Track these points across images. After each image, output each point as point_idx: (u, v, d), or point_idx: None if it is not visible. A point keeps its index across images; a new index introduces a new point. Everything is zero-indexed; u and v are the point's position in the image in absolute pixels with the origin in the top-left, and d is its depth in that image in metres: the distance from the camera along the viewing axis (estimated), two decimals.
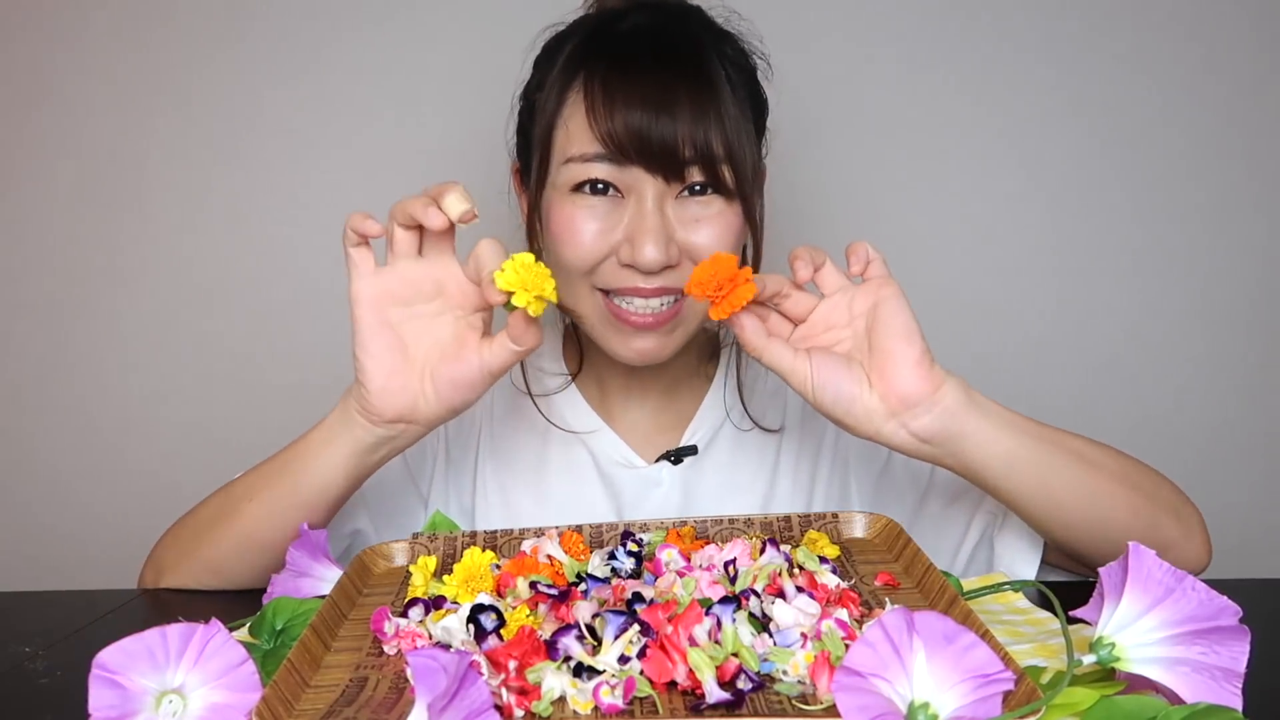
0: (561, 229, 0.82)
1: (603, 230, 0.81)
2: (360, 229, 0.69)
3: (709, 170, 0.80)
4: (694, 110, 0.78)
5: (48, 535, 1.34)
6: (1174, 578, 0.51)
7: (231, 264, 1.30)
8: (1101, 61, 1.26)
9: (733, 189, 0.81)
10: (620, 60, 0.80)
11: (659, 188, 0.80)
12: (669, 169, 0.79)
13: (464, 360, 0.71)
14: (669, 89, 0.78)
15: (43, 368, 1.33)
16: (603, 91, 0.79)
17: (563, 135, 0.82)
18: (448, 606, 0.61)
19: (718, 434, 0.95)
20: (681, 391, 0.96)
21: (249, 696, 0.50)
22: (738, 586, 0.61)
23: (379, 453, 0.76)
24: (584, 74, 0.81)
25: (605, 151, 0.79)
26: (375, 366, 0.71)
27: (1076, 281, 1.29)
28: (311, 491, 0.77)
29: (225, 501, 0.81)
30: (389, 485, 0.92)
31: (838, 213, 1.28)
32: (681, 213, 0.81)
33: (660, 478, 0.93)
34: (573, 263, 0.82)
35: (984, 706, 0.46)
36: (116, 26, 1.28)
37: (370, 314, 0.71)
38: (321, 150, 1.29)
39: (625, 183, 0.80)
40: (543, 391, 0.95)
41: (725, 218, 0.82)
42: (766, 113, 0.89)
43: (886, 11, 1.26)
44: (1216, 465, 1.30)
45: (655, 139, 0.78)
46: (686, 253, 0.82)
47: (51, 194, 1.31)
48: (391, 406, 0.72)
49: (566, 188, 0.82)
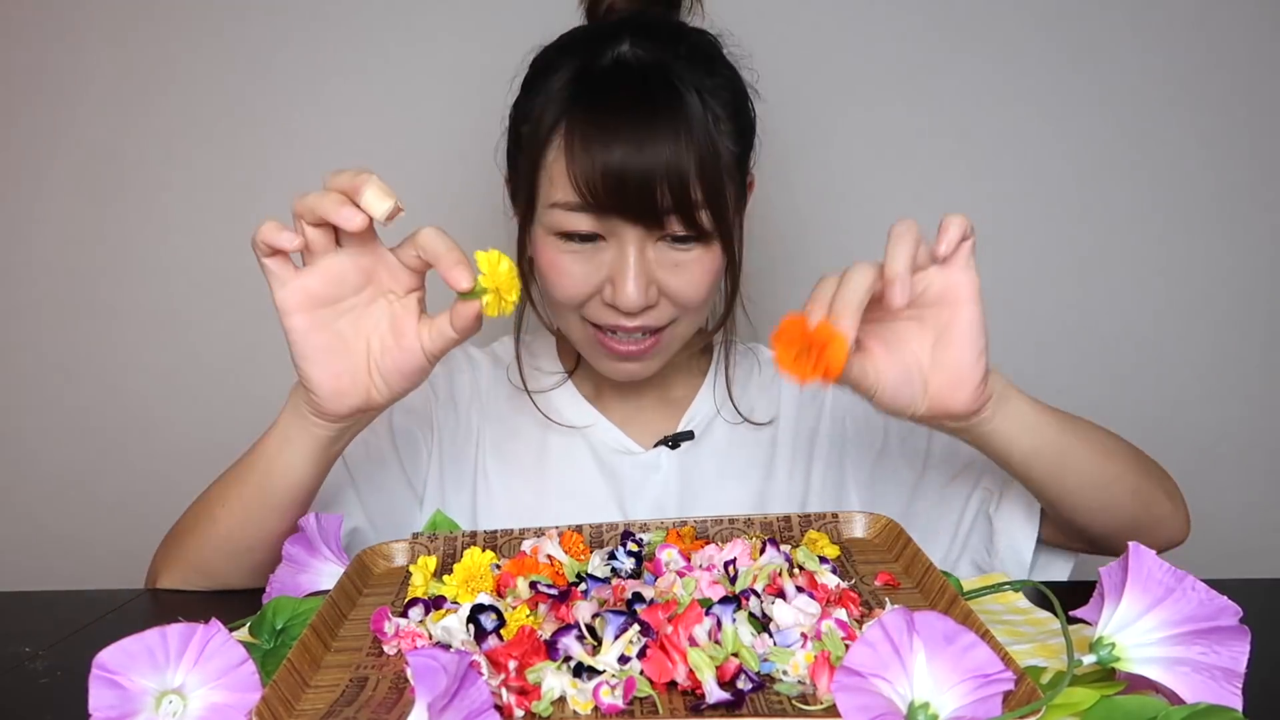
0: (549, 269, 0.84)
1: (586, 273, 0.83)
2: (273, 242, 0.66)
3: (686, 218, 0.80)
4: (671, 161, 0.78)
5: (48, 535, 1.34)
6: (1174, 578, 0.51)
7: (232, 263, 1.30)
8: (1102, 62, 1.26)
9: (712, 232, 0.82)
10: (598, 111, 0.80)
11: (639, 233, 0.81)
12: (647, 219, 0.80)
13: (406, 350, 0.69)
14: (646, 141, 0.78)
15: (42, 367, 1.33)
16: (581, 143, 0.79)
17: (545, 179, 0.83)
18: (448, 606, 0.61)
19: (713, 423, 0.97)
20: (675, 384, 0.98)
21: (249, 696, 0.50)
22: (738, 586, 0.61)
23: (340, 442, 0.76)
24: (565, 123, 0.81)
25: (584, 203, 0.80)
26: (320, 373, 0.69)
27: (1076, 282, 1.29)
28: (280, 492, 0.76)
29: (202, 508, 0.82)
30: (384, 484, 0.92)
31: (837, 212, 1.28)
32: (662, 256, 0.83)
33: (659, 463, 0.94)
34: (561, 300, 0.85)
35: (984, 706, 0.46)
36: (116, 25, 1.28)
37: (301, 321, 0.68)
38: (323, 150, 1.29)
39: (606, 228, 0.82)
40: (539, 389, 0.97)
41: (704, 262, 0.83)
42: (753, 131, 0.89)
43: (886, 12, 1.26)
44: (1216, 465, 1.30)
45: (632, 190, 0.79)
46: (666, 293, 0.83)
47: (51, 193, 1.31)
48: (345, 405, 0.71)
49: (551, 230, 0.83)
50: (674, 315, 0.85)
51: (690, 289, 0.84)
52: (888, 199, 1.28)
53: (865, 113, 1.27)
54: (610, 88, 0.82)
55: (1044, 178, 1.28)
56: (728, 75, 0.87)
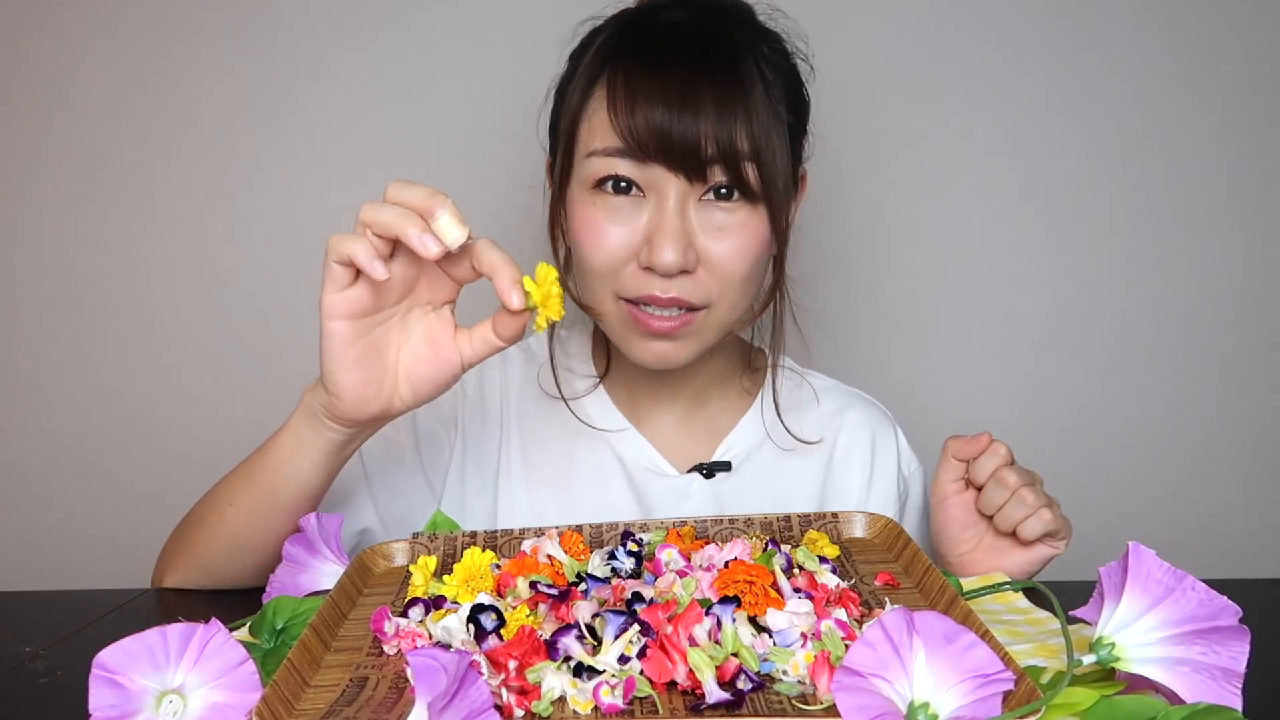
0: (583, 230, 0.81)
1: (624, 233, 0.79)
2: (362, 265, 0.63)
3: (732, 170, 0.78)
4: (718, 108, 0.76)
5: (48, 535, 1.34)
6: (1174, 578, 0.51)
7: (236, 264, 1.30)
8: (1099, 63, 1.26)
9: (758, 192, 0.79)
10: (646, 55, 0.79)
11: (681, 188, 0.78)
12: (690, 167, 0.77)
13: (444, 360, 0.69)
14: (692, 85, 0.77)
15: (43, 367, 1.33)
16: (625, 87, 0.77)
17: (586, 129, 0.81)
18: (448, 606, 0.61)
19: (755, 453, 0.94)
20: (712, 400, 0.95)
21: (249, 696, 0.50)
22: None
23: (352, 446, 0.76)
24: (609, 68, 0.80)
25: (625, 147, 0.78)
26: (348, 379, 0.69)
27: (1076, 282, 1.29)
28: (289, 493, 0.76)
29: (209, 507, 0.81)
30: (400, 485, 0.90)
31: (838, 214, 1.28)
32: (704, 218, 0.80)
33: (690, 490, 0.92)
34: (595, 265, 0.81)
35: (984, 706, 0.46)
36: (119, 25, 1.28)
37: (342, 328, 0.68)
38: (328, 150, 1.29)
39: (647, 181, 0.79)
40: (572, 394, 0.94)
41: (749, 227, 0.80)
42: (807, 115, 0.87)
43: (886, 13, 1.26)
44: (1216, 465, 1.30)
45: (676, 136, 0.76)
46: (705, 262, 0.80)
47: (51, 193, 1.31)
48: (366, 412, 0.71)
49: (589, 183, 0.80)
50: (710, 296, 0.81)
51: (731, 257, 0.80)
52: (887, 199, 1.28)
53: (864, 113, 1.27)
54: (659, 36, 0.81)
55: (1044, 178, 1.28)
56: (783, 50, 0.85)
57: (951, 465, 0.80)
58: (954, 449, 0.80)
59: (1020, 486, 0.77)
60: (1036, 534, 0.77)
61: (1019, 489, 0.77)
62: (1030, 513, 0.77)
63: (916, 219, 1.29)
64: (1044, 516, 0.77)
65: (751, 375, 0.97)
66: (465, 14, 1.27)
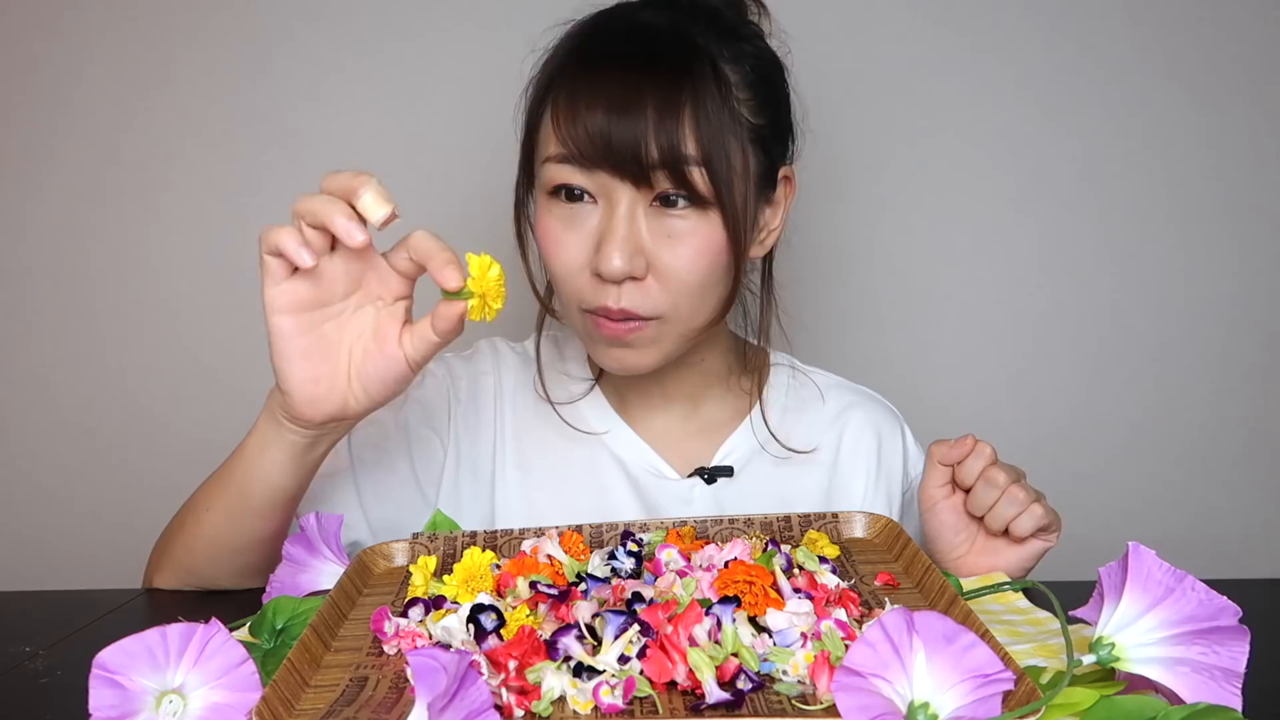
0: (543, 238, 0.81)
1: (576, 241, 0.79)
2: (287, 254, 0.64)
3: (676, 175, 0.76)
4: (660, 112, 0.75)
5: (48, 535, 1.34)
6: (1174, 578, 0.51)
7: (232, 263, 1.30)
8: (1100, 63, 1.26)
9: (708, 197, 0.77)
10: (590, 61, 0.79)
11: (630, 194, 0.77)
12: (634, 174, 0.76)
13: (388, 356, 0.68)
14: (633, 89, 0.75)
15: (42, 367, 1.33)
16: (568, 93, 0.77)
17: (542, 136, 0.81)
18: (448, 606, 0.61)
19: (757, 455, 0.93)
20: (708, 401, 0.94)
21: (249, 696, 0.50)
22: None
23: (318, 449, 0.74)
24: (557, 75, 0.80)
25: (570, 154, 0.77)
26: (297, 375, 0.68)
27: (1074, 281, 1.29)
28: (260, 497, 0.75)
29: (190, 511, 0.81)
30: (390, 493, 0.89)
31: (835, 215, 1.28)
32: (655, 225, 0.78)
33: (691, 496, 0.91)
34: (557, 273, 0.82)
35: (984, 706, 0.46)
36: (120, 26, 1.28)
37: (286, 320, 0.66)
38: (326, 150, 1.29)
39: (596, 187, 0.78)
40: (568, 398, 0.93)
41: (700, 234, 0.78)
42: (786, 115, 0.86)
43: (886, 13, 1.26)
44: (1216, 465, 1.30)
45: (617, 142, 0.75)
46: (655, 270, 0.78)
47: (49, 193, 1.31)
48: (321, 411, 0.69)
49: (545, 190, 0.81)
50: (660, 307, 0.79)
51: (681, 265, 0.78)
52: (886, 199, 1.28)
53: (864, 113, 1.27)
54: (609, 43, 0.80)
55: (1043, 178, 1.28)
56: (757, 47, 0.84)
57: (938, 470, 0.80)
58: (939, 454, 0.80)
59: (1009, 484, 0.77)
60: (1029, 530, 0.77)
61: (1008, 487, 0.77)
62: (1021, 509, 0.77)
63: (914, 219, 1.29)
64: (1035, 512, 0.76)
65: (749, 374, 0.96)
66: (465, 14, 1.27)
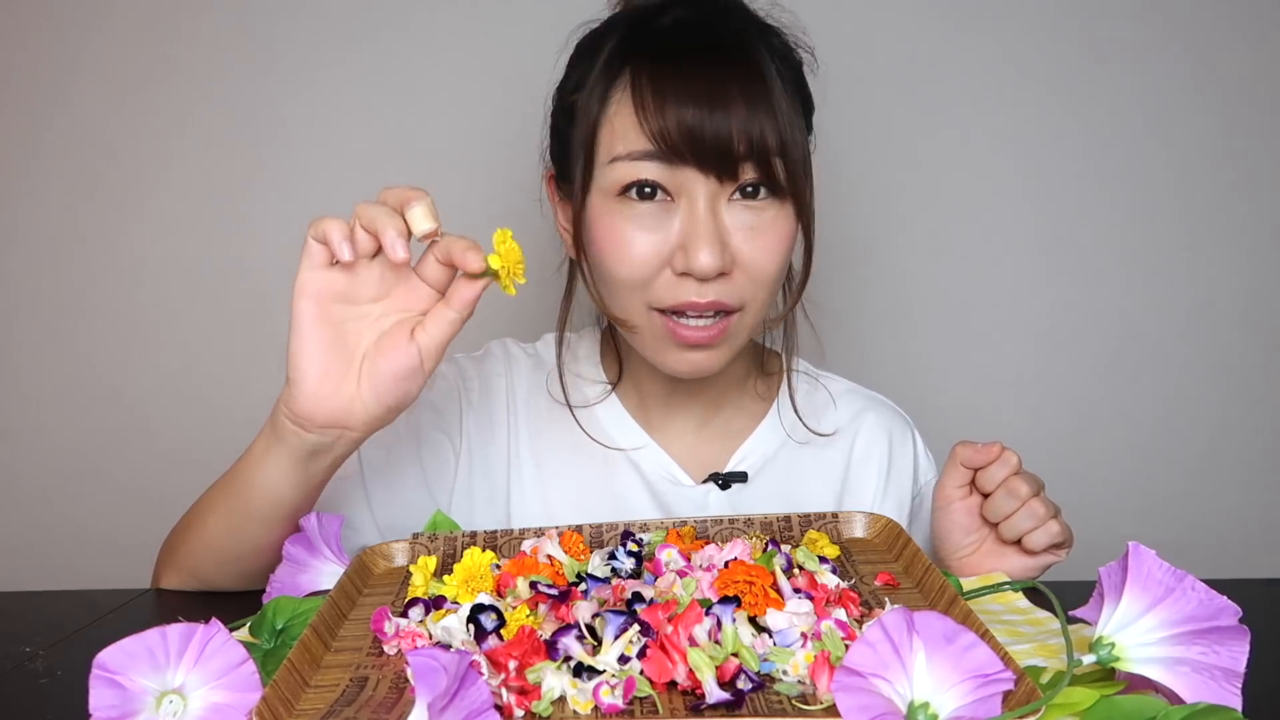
0: (609, 241, 0.79)
1: (654, 240, 0.78)
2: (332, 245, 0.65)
3: (763, 166, 0.76)
4: (747, 104, 0.75)
5: (48, 535, 1.34)
6: (1174, 578, 0.51)
7: (232, 263, 1.30)
8: (1100, 61, 1.26)
9: (786, 187, 0.78)
10: (667, 54, 0.78)
11: (711, 188, 0.77)
12: (722, 167, 0.76)
13: (400, 348, 0.67)
14: (720, 83, 0.75)
15: (43, 367, 1.33)
16: (652, 87, 0.76)
17: (608, 134, 0.79)
18: (448, 606, 0.61)
19: (772, 461, 0.93)
20: (727, 406, 0.94)
21: (249, 696, 0.50)
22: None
23: (320, 461, 0.72)
24: (630, 70, 0.78)
25: (656, 149, 0.76)
26: (309, 364, 0.67)
27: (1077, 281, 1.29)
28: (261, 506, 0.75)
29: (195, 515, 0.81)
30: (401, 498, 0.89)
31: (842, 214, 1.28)
32: (734, 219, 0.78)
33: (707, 502, 0.91)
34: (624, 277, 0.79)
35: (984, 706, 0.46)
36: (117, 26, 1.28)
37: (313, 306, 0.67)
38: (327, 150, 1.29)
39: (675, 184, 0.77)
40: (582, 401, 0.92)
41: (779, 224, 0.79)
42: (813, 108, 0.87)
43: (886, 12, 1.26)
44: (1217, 465, 1.30)
45: (709, 135, 0.74)
46: (739, 262, 0.79)
47: (49, 193, 1.31)
48: (322, 410, 0.68)
49: (613, 191, 0.78)
50: (744, 297, 0.80)
51: (765, 256, 0.79)
52: (886, 199, 1.28)
53: (863, 114, 1.27)
54: (675, 35, 0.79)
55: (1049, 177, 1.28)
56: (787, 44, 0.84)
57: (959, 471, 0.80)
58: (964, 456, 0.79)
59: (1030, 498, 0.77)
60: (1043, 545, 0.76)
61: (1029, 500, 0.76)
62: (1038, 524, 0.76)
63: (919, 219, 1.29)
64: (1052, 529, 0.76)
65: (765, 379, 0.96)
66: (466, 15, 1.27)
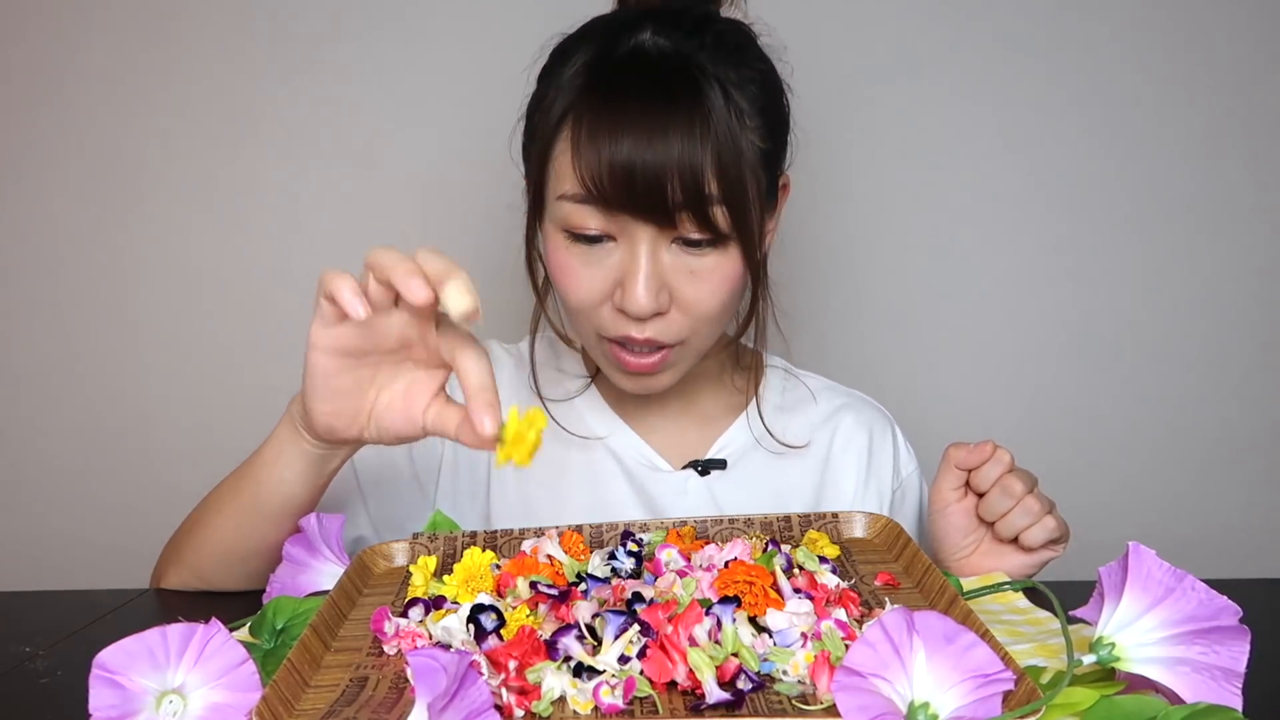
0: (556, 270, 0.81)
1: (595, 276, 0.79)
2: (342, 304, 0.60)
3: (701, 217, 0.76)
4: (686, 151, 0.74)
5: (48, 535, 1.34)
6: (1174, 578, 0.51)
7: (237, 265, 1.30)
8: (1101, 61, 1.26)
9: (729, 234, 0.78)
10: (608, 102, 0.77)
11: (652, 232, 0.77)
12: (658, 217, 0.76)
13: (409, 420, 0.66)
14: (657, 134, 0.74)
15: (44, 367, 1.33)
16: (589, 136, 0.75)
17: (554, 172, 0.79)
18: (448, 606, 0.61)
19: (751, 451, 0.94)
20: (704, 397, 0.95)
21: (249, 696, 0.50)
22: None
23: (332, 463, 0.74)
24: (574, 113, 0.78)
25: (591, 196, 0.76)
26: (322, 407, 0.67)
27: (1077, 281, 1.29)
28: (273, 505, 0.75)
29: (202, 514, 0.81)
30: (393, 491, 0.90)
31: (835, 215, 1.28)
32: (676, 261, 0.79)
33: (686, 487, 0.92)
34: (573, 305, 0.82)
35: (984, 706, 0.46)
36: (120, 25, 1.28)
37: (326, 361, 0.65)
38: (327, 151, 1.29)
39: (616, 227, 0.78)
40: (564, 395, 0.94)
41: (721, 268, 0.79)
42: (786, 128, 0.86)
43: (886, 13, 1.26)
44: (1216, 465, 1.30)
45: (642, 186, 0.74)
46: (678, 302, 0.79)
47: (51, 193, 1.31)
48: (337, 437, 0.69)
49: (559, 226, 0.80)
50: (685, 333, 0.81)
51: (706, 299, 0.79)
52: (886, 199, 1.28)
53: (863, 113, 1.27)
54: (623, 76, 0.78)
55: (1044, 178, 1.28)
56: (759, 68, 0.82)
57: (953, 473, 0.80)
58: (956, 458, 0.79)
59: (1025, 495, 0.77)
60: (1040, 542, 0.77)
61: (1024, 497, 0.77)
62: (1034, 520, 0.77)
63: (916, 219, 1.29)
64: (1048, 524, 0.76)
65: (742, 373, 0.97)
66: (466, 15, 1.27)
